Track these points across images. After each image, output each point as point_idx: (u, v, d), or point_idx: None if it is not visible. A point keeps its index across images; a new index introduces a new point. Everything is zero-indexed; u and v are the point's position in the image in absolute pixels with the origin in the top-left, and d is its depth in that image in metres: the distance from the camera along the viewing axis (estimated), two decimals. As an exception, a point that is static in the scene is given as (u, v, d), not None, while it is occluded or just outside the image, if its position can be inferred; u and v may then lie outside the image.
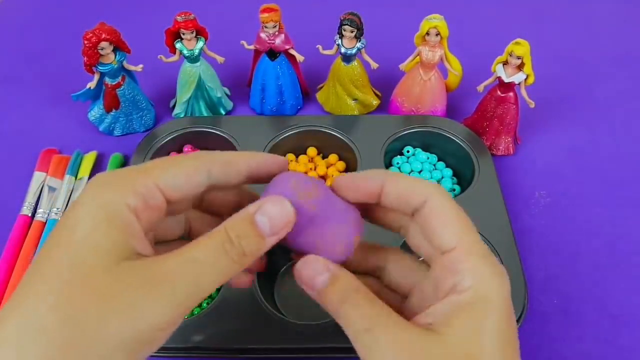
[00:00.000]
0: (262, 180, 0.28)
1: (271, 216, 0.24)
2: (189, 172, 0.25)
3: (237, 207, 0.25)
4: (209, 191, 0.26)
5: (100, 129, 0.59)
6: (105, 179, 0.24)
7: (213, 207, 0.30)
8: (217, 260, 0.23)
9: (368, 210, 0.29)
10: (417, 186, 0.26)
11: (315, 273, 0.25)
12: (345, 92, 0.59)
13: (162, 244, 0.28)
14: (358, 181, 0.27)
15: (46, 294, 0.20)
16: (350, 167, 0.55)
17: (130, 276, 0.21)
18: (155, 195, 0.24)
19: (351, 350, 0.24)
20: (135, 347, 0.21)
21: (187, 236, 0.30)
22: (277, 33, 0.55)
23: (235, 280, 0.29)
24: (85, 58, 0.52)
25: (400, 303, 0.28)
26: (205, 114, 0.60)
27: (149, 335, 0.21)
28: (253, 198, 0.28)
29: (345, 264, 0.27)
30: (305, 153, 0.57)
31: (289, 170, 0.29)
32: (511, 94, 0.54)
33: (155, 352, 0.23)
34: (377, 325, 0.23)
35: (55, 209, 0.51)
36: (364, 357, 0.23)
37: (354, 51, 0.55)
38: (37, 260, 0.22)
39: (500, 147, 0.57)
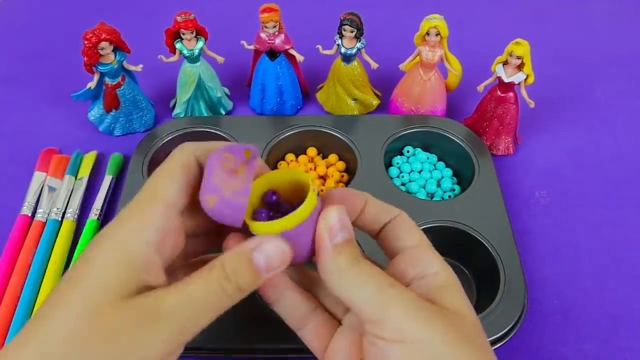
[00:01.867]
0: None
1: (268, 255, 0.25)
2: (181, 176, 0.26)
3: None
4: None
5: (100, 129, 0.59)
6: (128, 214, 0.25)
7: None
8: (213, 296, 0.24)
9: None
10: (390, 207, 0.29)
11: (344, 225, 0.26)
12: (345, 92, 0.59)
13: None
14: (350, 196, 0.28)
15: (61, 325, 0.22)
16: (350, 167, 0.55)
17: (133, 313, 0.22)
18: (171, 217, 0.25)
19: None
20: None
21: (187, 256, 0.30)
22: (277, 33, 0.55)
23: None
24: (85, 58, 0.52)
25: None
26: (205, 114, 0.60)
27: None
28: None
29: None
30: (305, 153, 0.57)
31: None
32: (511, 94, 0.54)
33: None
34: (389, 286, 0.24)
35: (55, 209, 0.51)
36: (374, 315, 0.24)
37: (354, 51, 0.55)
38: (61, 286, 0.23)
39: (500, 147, 0.57)
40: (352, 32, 0.53)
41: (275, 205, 0.27)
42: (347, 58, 0.56)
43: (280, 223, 0.25)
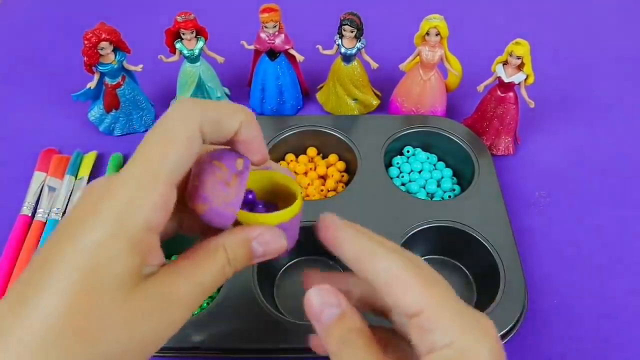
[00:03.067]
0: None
1: (267, 246, 0.26)
2: (185, 152, 0.24)
3: None
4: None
5: (100, 129, 0.59)
6: (126, 191, 0.23)
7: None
8: (217, 280, 0.25)
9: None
10: (374, 267, 0.25)
11: (326, 306, 0.25)
12: (345, 92, 0.59)
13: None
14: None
15: (54, 309, 0.21)
16: (350, 167, 0.55)
17: (149, 299, 0.23)
18: (171, 198, 0.24)
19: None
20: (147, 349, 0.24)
21: (180, 231, 0.29)
22: (277, 33, 0.55)
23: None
24: (85, 58, 0.52)
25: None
26: (205, 114, 0.60)
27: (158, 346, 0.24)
28: None
29: (359, 305, 0.27)
30: (305, 153, 0.57)
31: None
32: (511, 94, 0.54)
33: (155, 352, 0.24)
34: None
35: (55, 209, 0.51)
36: None
37: (354, 51, 0.55)
38: (70, 276, 0.21)
39: (500, 147, 0.57)
40: (352, 32, 0.53)
41: (251, 203, 0.28)
42: (347, 58, 0.56)
43: (279, 216, 0.26)
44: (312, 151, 0.56)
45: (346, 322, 0.25)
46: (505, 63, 0.52)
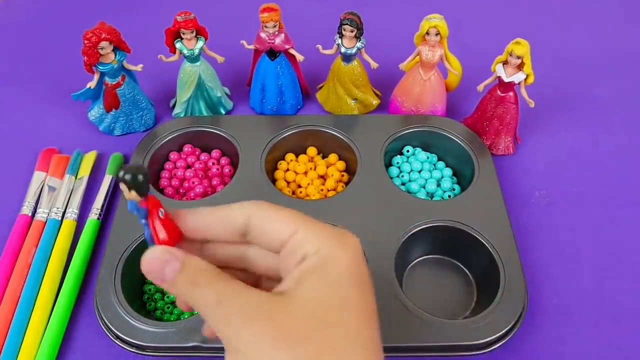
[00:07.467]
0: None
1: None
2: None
3: None
4: None
5: (100, 128, 0.59)
6: None
7: None
8: None
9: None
10: (234, 213, 0.27)
11: (164, 264, 0.25)
12: (345, 92, 0.59)
13: None
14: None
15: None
16: (350, 167, 0.55)
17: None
18: None
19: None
20: None
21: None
22: (277, 33, 0.55)
23: None
24: (85, 58, 0.52)
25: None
26: (205, 113, 0.60)
27: None
28: None
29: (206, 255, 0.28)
30: (305, 153, 0.57)
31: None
32: (511, 93, 0.54)
33: (155, 352, 0.24)
34: (225, 295, 0.24)
35: (55, 209, 0.51)
36: (221, 333, 0.24)
37: (354, 51, 0.55)
38: None
39: (500, 147, 0.57)
40: (352, 31, 0.53)
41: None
42: (347, 58, 0.56)
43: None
44: (312, 151, 0.56)
45: (189, 267, 0.25)
46: (505, 63, 0.52)
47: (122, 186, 0.25)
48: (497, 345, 0.41)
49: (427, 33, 0.53)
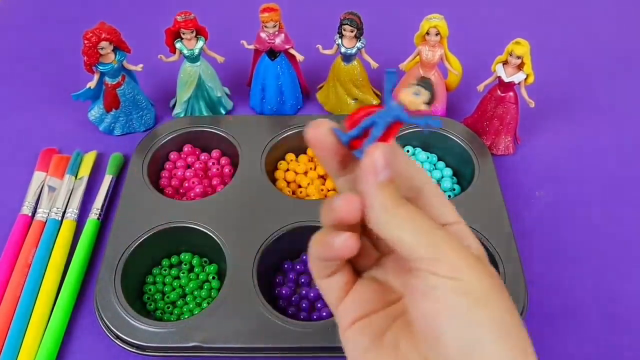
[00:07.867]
0: None
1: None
2: None
3: None
4: None
5: (100, 128, 0.59)
6: None
7: None
8: None
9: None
10: (419, 172, 0.29)
11: (384, 168, 0.25)
12: (345, 92, 0.59)
13: None
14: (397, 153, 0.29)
15: None
16: (350, 167, 0.55)
17: None
18: None
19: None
20: None
21: None
22: (277, 33, 0.55)
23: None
24: (85, 58, 0.52)
25: None
26: (205, 113, 0.60)
27: None
28: None
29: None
30: (305, 153, 0.57)
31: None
32: (511, 93, 0.54)
33: (155, 352, 0.23)
34: (437, 228, 0.25)
35: (55, 209, 0.51)
36: (427, 256, 0.24)
37: (354, 51, 0.55)
38: None
39: (500, 147, 0.57)
40: (352, 31, 0.53)
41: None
42: (347, 58, 0.56)
43: None
44: (312, 151, 0.56)
45: (396, 186, 0.25)
46: (505, 63, 0.52)
47: (417, 89, 0.25)
48: (497, 345, 0.41)
49: (427, 33, 0.53)
